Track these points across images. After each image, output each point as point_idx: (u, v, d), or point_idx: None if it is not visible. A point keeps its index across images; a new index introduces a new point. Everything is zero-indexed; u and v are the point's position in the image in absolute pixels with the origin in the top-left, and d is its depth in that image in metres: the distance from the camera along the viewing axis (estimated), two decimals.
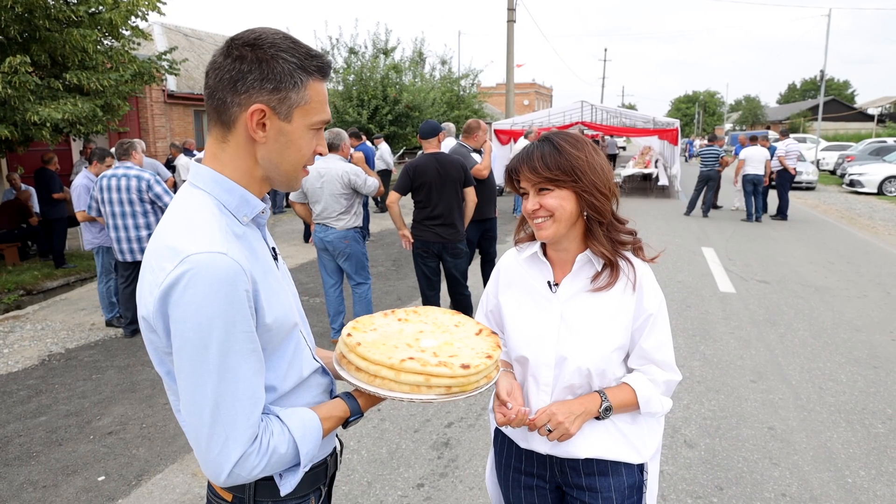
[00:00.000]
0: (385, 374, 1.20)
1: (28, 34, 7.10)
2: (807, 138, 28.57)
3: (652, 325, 1.48)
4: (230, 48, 1.08)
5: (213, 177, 1.13)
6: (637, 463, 1.54)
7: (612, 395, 1.47)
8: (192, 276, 0.98)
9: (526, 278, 1.58)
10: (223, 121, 1.10)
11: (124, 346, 5.30)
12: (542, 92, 56.67)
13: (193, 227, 1.05)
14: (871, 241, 10.22)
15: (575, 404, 1.45)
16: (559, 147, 1.44)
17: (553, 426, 1.42)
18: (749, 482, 3.12)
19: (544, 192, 1.44)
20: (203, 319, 0.98)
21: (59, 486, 3.17)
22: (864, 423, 3.75)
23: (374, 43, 18.85)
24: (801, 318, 5.86)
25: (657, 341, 1.49)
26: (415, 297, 6.60)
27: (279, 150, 1.13)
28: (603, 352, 1.46)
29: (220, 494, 1.22)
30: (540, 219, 1.45)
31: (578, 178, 1.42)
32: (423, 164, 4.75)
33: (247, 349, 1.03)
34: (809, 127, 41.76)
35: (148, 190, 5.13)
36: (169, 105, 14.79)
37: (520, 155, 1.49)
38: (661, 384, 1.50)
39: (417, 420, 3.82)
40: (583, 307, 1.49)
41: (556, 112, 18.06)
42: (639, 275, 1.48)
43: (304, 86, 1.10)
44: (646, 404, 1.47)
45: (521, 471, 1.64)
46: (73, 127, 7.60)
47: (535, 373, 1.51)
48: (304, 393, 1.24)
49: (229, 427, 1.02)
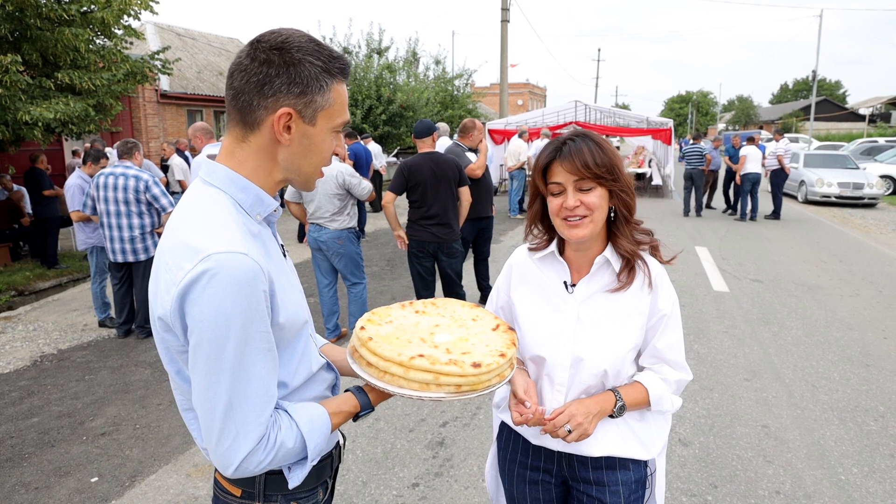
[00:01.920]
0: (394, 370, 1.20)
1: (19, 33, 7.05)
2: (799, 138, 28.74)
3: (665, 325, 1.49)
4: (256, 51, 1.08)
5: (229, 175, 1.13)
6: (645, 459, 1.54)
7: (626, 393, 1.47)
8: (213, 274, 0.98)
9: (540, 277, 1.57)
10: (247, 122, 1.10)
11: (117, 347, 5.27)
12: (536, 92, 56.74)
13: (212, 226, 1.05)
14: (863, 240, 10.29)
15: (591, 403, 1.45)
16: (602, 146, 1.43)
17: (573, 426, 1.41)
18: (743, 480, 3.13)
19: (586, 191, 1.41)
20: (222, 318, 0.98)
21: (52, 487, 3.15)
22: (856, 421, 3.77)
23: (367, 43, 18.82)
24: (794, 316, 5.89)
25: (670, 341, 1.50)
26: (409, 297, 6.59)
27: (302, 152, 1.13)
28: (619, 352, 1.47)
29: (229, 490, 1.22)
30: (577, 217, 1.42)
31: (618, 177, 1.43)
32: (417, 163, 4.75)
33: (262, 348, 1.04)
34: (801, 127, 42.02)
35: (146, 191, 5.09)
36: (162, 105, 14.72)
37: (564, 149, 1.44)
38: (673, 383, 1.51)
39: (412, 419, 3.81)
40: (599, 308, 1.49)
41: (550, 112, 18.07)
42: (654, 274, 1.49)
43: (329, 89, 1.10)
44: (657, 403, 1.48)
45: (528, 465, 1.64)
46: (64, 127, 7.55)
47: (551, 372, 1.51)
48: (312, 388, 1.26)
49: (241, 424, 1.03)
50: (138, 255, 5.20)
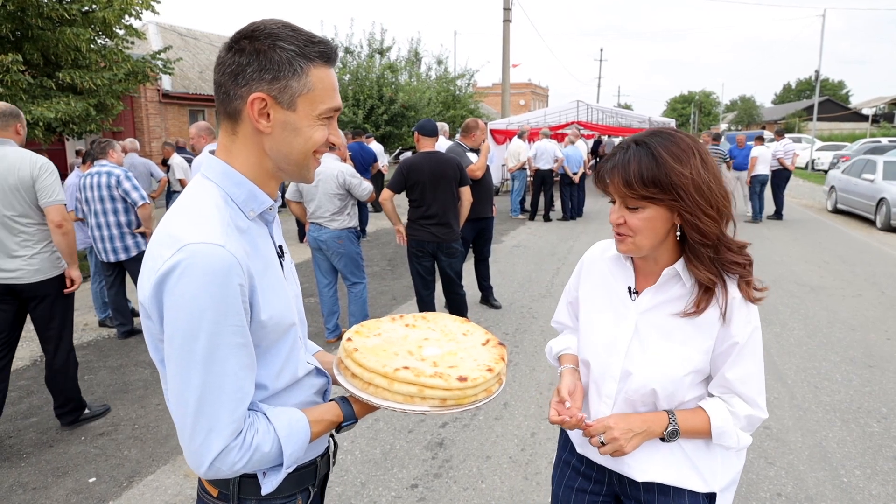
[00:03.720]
0: (379, 381, 1.18)
1: (21, 32, 7.06)
2: (802, 138, 28.69)
3: (738, 354, 1.30)
4: (231, 42, 1.10)
5: (224, 169, 1.13)
6: (704, 492, 1.39)
7: (683, 418, 1.33)
8: (188, 265, 0.98)
9: (607, 277, 1.47)
10: (229, 113, 1.12)
11: (117, 347, 5.26)
12: (539, 92, 56.74)
13: (195, 217, 1.06)
14: (866, 240, 10.25)
15: (636, 421, 1.32)
16: (658, 157, 1.24)
17: (607, 440, 1.30)
18: (744, 482, 3.11)
19: (633, 210, 1.27)
20: (194, 309, 0.98)
21: (50, 487, 3.14)
22: (859, 423, 3.75)
23: (369, 43, 18.83)
24: (796, 317, 5.87)
25: (743, 373, 1.31)
26: (410, 297, 6.58)
27: (286, 139, 1.12)
28: (673, 374, 1.32)
29: (208, 489, 1.22)
30: (622, 234, 1.31)
31: (680, 198, 1.23)
32: (417, 162, 4.74)
33: (236, 343, 1.03)
34: (804, 127, 41.91)
35: (117, 186, 4.98)
36: (164, 105, 14.74)
37: (613, 160, 1.30)
38: (743, 418, 1.34)
39: (412, 420, 3.80)
40: (661, 321, 1.35)
41: (552, 112, 18.04)
42: (730, 303, 1.29)
43: (305, 72, 1.09)
44: (719, 436, 1.33)
45: (580, 472, 1.55)
46: (66, 126, 7.57)
47: (598, 381, 1.43)
48: (297, 393, 1.23)
49: (213, 419, 1.02)
50: (118, 254, 5.09)
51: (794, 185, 19.85)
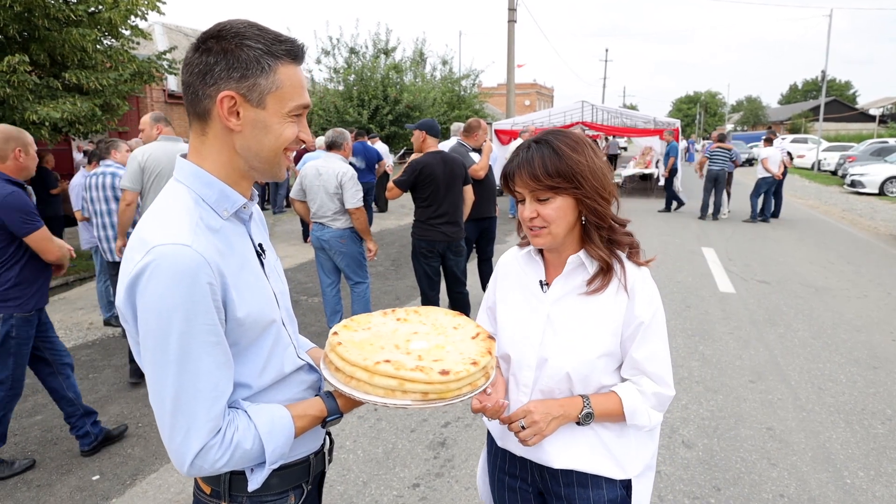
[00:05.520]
0: (360, 375, 1.17)
1: (27, 33, 7.10)
2: (808, 139, 28.56)
3: (643, 334, 1.40)
4: (198, 42, 1.10)
5: (193, 170, 1.14)
6: (620, 479, 1.46)
7: (596, 401, 1.40)
8: (155, 266, 0.99)
9: (521, 276, 1.55)
10: (199, 113, 1.12)
11: (122, 346, 5.29)
12: (544, 92, 56.69)
13: (163, 220, 1.07)
14: (871, 241, 10.19)
15: (554, 405, 1.39)
16: (559, 151, 1.35)
17: (528, 423, 1.36)
18: (747, 483, 3.10)
19: (543, 201, 1.37)
20: (164, 310, 0.99)
21: (54, 485, 3.16)
22: (863, 424, 3.73)
23: (374, 43, 18.88)
24: (800, 318, 5.84)
25: (649, 352, 1.40)
26: (413, 297, 6.59)
27: (256, 137, 1.12)
28: (585, 356, 1.40)
29: (202, 487, 1.24)
30: (536, 227, 1.39)
31: (580, 185, 1.34)
32: (430, 162, 4.75)
33: (209, 341, 1.03)
34: (811, 127, 41.75)
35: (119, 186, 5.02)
36: (170, 105, 14.80)
37: (517, 159, 1.40)
38: (651, 396, 1.42)
39: (414, 420, 3.80)
40: (571, 309, 1.44)
41: (557, 112, 18.03)
42: (631, 279, 1.41)
43: (273, 70, 1.10)
44: (632, 415, 1.40)
45: (506, 472, 1.61)
46: (71, 126, 7.60)
47: (516, 372, 1.49)
48: (285, 389, 1.23)
49: (190, 418, 1.03)
50: None
51: (799, 186, 19.80)
